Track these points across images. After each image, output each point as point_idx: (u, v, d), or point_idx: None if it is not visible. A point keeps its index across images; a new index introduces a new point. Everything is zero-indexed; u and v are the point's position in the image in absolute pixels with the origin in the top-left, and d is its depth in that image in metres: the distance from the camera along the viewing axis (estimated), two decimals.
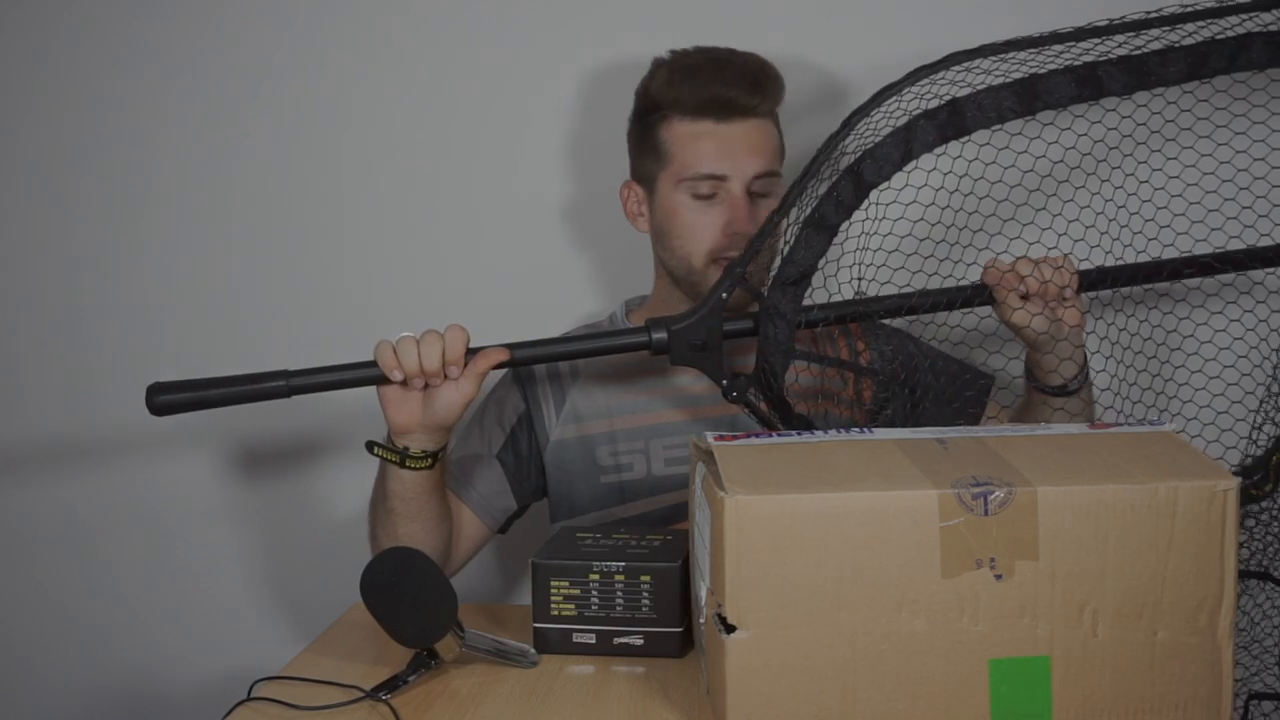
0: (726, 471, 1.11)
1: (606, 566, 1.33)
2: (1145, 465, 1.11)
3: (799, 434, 1.21)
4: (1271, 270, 1.53)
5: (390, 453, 1.44)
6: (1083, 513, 1.08)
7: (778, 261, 1.39)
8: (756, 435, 1.21)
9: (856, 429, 1.23)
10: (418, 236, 1.89)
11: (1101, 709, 1.10)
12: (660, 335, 1.43)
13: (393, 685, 1.26)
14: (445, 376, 1.39)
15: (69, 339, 1.93)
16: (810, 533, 1.08)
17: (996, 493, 1.08)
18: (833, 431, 1.21)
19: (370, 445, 1.45)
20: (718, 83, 1.53)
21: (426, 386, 1.40)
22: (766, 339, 1.39)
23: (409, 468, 1.44)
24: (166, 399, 1.40)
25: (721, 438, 1.19)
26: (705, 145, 1.53)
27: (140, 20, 1.89)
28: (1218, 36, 1.35)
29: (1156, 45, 1.35)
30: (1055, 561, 1.08)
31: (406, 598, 1.28)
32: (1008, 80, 1.35)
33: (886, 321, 1.50)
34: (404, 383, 1.40)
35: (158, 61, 1.89)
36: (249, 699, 1.27)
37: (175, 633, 1.97)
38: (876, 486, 1.09)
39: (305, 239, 1.90)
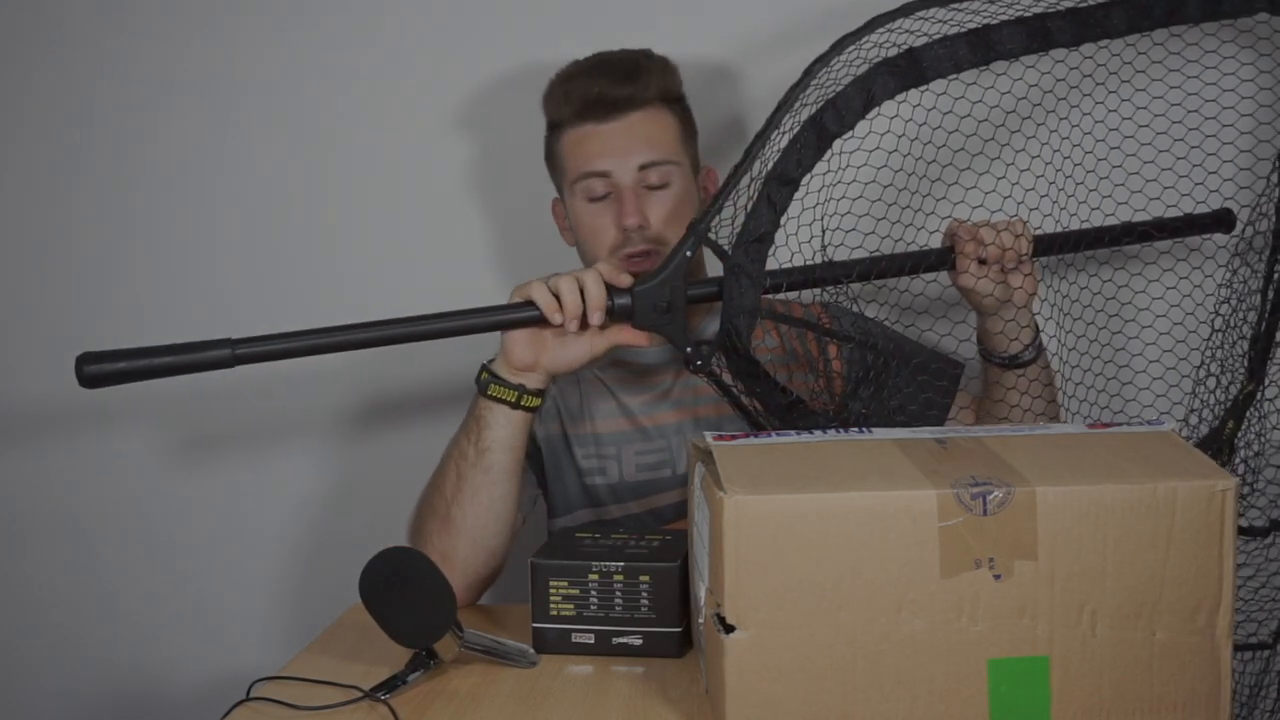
0: (726, 471, 1.11)
1: (605, 566, 1.33)
2: (1144, 465, 1.11)
3: (798, 434, 1.21)
4: (1235, 235, 1.57)
5: (507, 390, 1.42)
6: (1082, 513, 1.08)
7: (741, 219, 1.37)
8: (755, 435, 1.21)
9: (856, 429, 1.23)
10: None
11: (1100, 709, 1.10)
12: (624, 300, 1.39)
13: (392, 685, 1.26)
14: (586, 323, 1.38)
15: (62, 343, 1.93)
16: (809, 533, 1.08)
17: (995, 493, 1.08)
18: (831, 431, 1.21)
19: (485, 384, 1.42)
20: (589, 84, 1.54)
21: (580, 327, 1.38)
22: (731, 300, 1.36)
23: (524, 406, 1.42)
24: (96, 369, 1.33)
25: (721, 437, 1.19)
26: (589, 146, 1.54)
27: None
28: None
29: None
30: (1054, 561, 1.08)
31: (405, 598, 1.28)
32: (962, 30, 1.38)
33: (853, 303, 1.48)
34: (539, 323, 1.38)
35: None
36: (248, 699, 1.27)
37: (175, 633, 1.97)
38: (876, 486, 1.09)
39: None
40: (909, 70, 1.36)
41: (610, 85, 1.53)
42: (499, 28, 1.82)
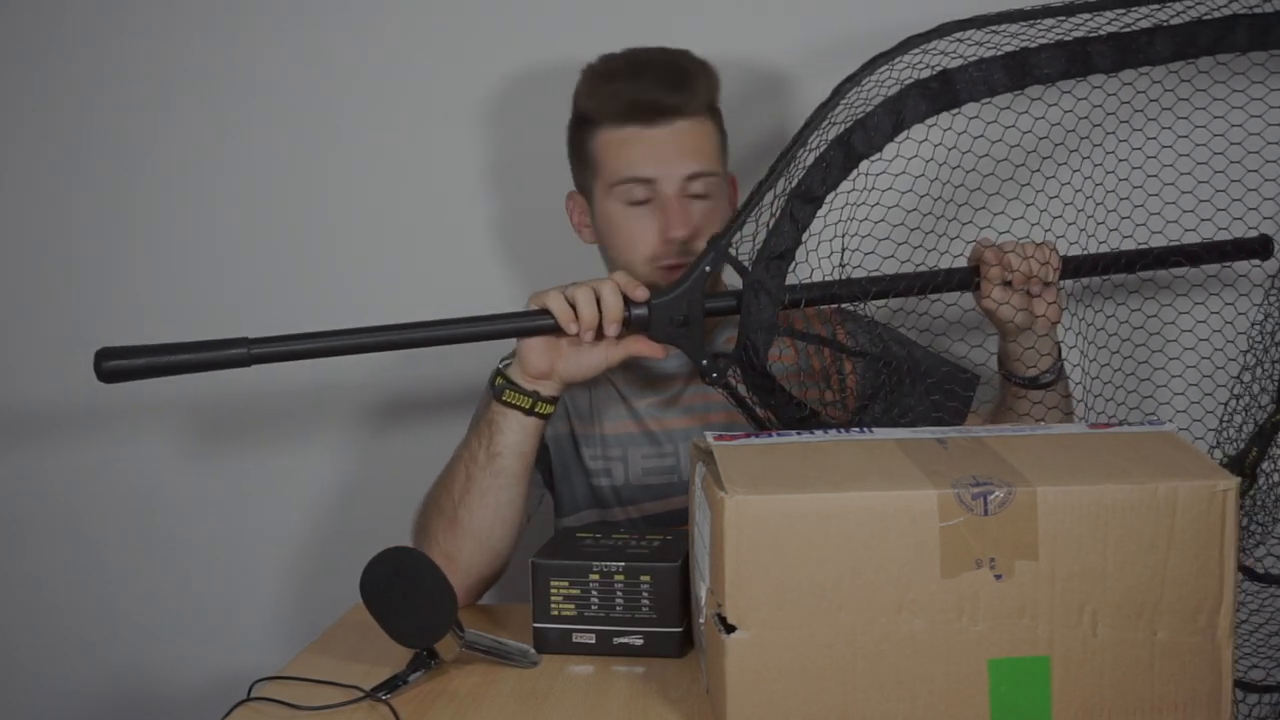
0: (726, 471, 1.11)
1: (606, 566, 1.33)
2: (1145, 465, 1.11)
3: (799, 434, 1.21)
4: (1257, 263, 1.54)
5: (522, 396, 1.42)
6: (1082, 513, 1.08)
7: (762, 235, 1.36)
8: (756, 435, 1.21)
9: (857, 429, 1.23)
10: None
11: (1101, 709, 1.10)
12: (640, 312, 1.38)
13: (392, 685, 1.26)
14: (603, 334, 1.38)
15: (62, 344, 1.93)
16: (810, 533, 1.08)
17: (996, 493, 1.08)
18: (832, 431, 1.21)
19: (500, 389, 1.43)
20: (638, 86, 1.50)
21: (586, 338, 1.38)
22: (750, 315, 1.35)
23: (537, 413, 1.43)
24: (116, 365, 1.34)
25: (721, 437, 1.19)
26: (632, 150, 1.51)
27: (119, 16, 1.89)
28: (1204, 17, 1.36)
29: (1145, 23, 1.36)
30: (1055, 561, 1.08)
31: (406, 598, 1.28)
32: (999, 53, 1.35)
33: (871, 314, 1.47)
34: (554, 332, 1.37)
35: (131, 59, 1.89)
36: (249, 699, 1.27)
37: (175, 633, 1.97)
38: (876, 486, 1.09)
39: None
40: (941, 92, 1.33)
41: (661, 90, 1.49)
42: (505, 27, 1.81)
